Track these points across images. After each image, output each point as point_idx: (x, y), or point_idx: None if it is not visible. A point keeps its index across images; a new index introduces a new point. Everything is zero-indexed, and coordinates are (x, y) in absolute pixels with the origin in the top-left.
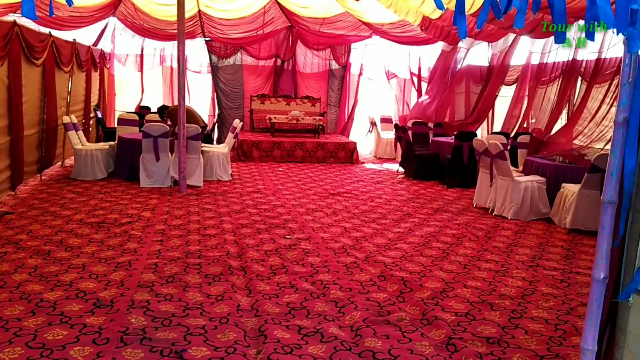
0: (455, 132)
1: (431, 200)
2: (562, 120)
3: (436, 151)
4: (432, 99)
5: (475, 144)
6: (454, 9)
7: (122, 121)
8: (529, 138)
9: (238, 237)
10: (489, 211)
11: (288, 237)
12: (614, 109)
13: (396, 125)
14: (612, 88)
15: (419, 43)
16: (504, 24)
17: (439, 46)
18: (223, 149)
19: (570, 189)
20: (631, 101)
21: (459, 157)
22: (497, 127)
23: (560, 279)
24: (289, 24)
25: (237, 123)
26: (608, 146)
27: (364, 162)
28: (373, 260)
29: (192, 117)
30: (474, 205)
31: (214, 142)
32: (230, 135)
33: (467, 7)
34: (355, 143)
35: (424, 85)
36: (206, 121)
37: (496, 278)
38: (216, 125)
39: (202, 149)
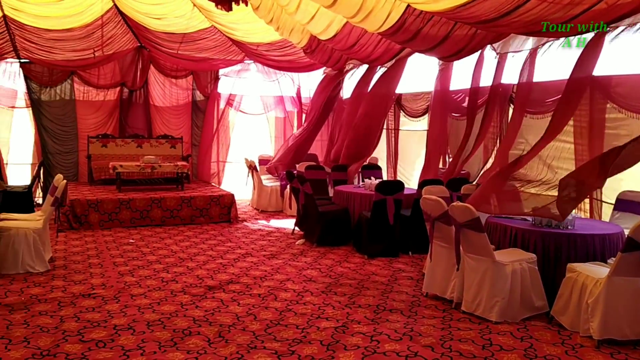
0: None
1: (360, 288)
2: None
3: (344, 206)
4: (310, 134)
5: (424, 205)
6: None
7: None
8: (474, 189)
9: None
10: (453, 305)
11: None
12: (562, 145)
13: (289, 173)
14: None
15: (301, 69)
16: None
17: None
18: (36, 222)
19: (585, 274)
20: None
21: (383, 216)
22: (404, 166)
23: None
24: (138, 44)
25: (58, 180)
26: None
27: (244, 220)
28: None
29: None
30: (425, 295)
31: (35, 202)
32: (48, 200)
33: (376, 26)
34: (232, 195)
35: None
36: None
37: None
38: (39, 178)
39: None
